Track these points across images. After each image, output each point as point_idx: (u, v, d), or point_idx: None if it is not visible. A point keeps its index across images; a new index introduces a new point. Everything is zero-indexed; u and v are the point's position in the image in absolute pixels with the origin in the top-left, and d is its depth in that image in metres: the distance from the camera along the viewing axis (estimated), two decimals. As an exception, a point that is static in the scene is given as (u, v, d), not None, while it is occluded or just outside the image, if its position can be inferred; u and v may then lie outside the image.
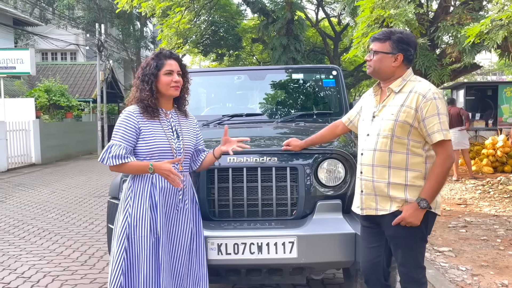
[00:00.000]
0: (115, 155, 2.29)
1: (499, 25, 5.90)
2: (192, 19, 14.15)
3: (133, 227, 2.33)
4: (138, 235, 2.32)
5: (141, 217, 2.33)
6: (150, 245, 2.31)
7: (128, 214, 2.35)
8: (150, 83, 2.37)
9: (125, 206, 2.38)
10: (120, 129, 2.35)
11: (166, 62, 2.40)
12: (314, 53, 22.37)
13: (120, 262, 2.31)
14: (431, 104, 2.21)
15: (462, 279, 3.72)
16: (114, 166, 2.32)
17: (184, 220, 2.45)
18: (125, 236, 2.33)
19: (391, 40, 2.30)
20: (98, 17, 23.41)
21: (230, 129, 3.62)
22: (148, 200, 2.34)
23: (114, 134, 2.36)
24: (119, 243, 2.33)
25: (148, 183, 2.36)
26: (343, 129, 2.80)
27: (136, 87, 2.42)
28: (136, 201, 2.35)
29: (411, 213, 2.22)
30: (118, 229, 2.36)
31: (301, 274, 2.73)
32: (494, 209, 6.36)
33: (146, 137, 2.35)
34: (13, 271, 4.16)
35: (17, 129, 13.10)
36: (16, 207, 7.15)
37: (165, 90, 2.41)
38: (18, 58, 13.28)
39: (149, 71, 2.39)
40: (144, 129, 2.35)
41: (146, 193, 2.35)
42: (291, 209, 2.74)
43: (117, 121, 2.39)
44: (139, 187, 2.37)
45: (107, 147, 2.33)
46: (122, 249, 2.32)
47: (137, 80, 2.44)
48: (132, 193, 2.37)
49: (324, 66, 4.79)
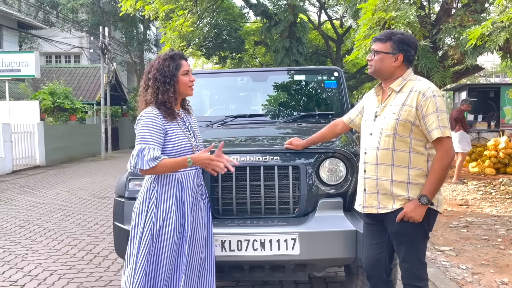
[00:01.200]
0: (152, 157, 2.25)
1: (501, 27, 5.95)
2: (195, 22, 14.23)
3: (158, 228, 2.33)
4: (163, 236, 2.33)
5: (167, 217, 2.34)
6: (173, 244, 2.35)
7: (153, 215, 2.35)
8: (173, 84, 2.39)
9: (149, 207, 2.36)
10: (149, 131, 2.31)
11: (182, 63, 2.44)
12: (316, 55, 22.46)
13: (143, 264, 2.31)
14: (431, 101, 2.26)
15: (463, 277, 3.77)
16: (150, 169, 2.27)
17: (202, 216, 2.50)
18: (149, 238, 2.33)
19: (392, 41, 2.36)
20: (102, 20, 23.55)
21: (234, 130, 3.71)
22: (175, 201, 2.36)
23: (142, 137, 2.30)
24: (143, 244, 2.33)
25: (174, 184, 2.37)
26: (343, 128, 2.86)
27: (154, 89, 2.39)
28: (162, 202, 2.36)
29: (412, 208, 2.27)
30: (141, 230, 2.34)
31: (303, 271, 2.78)
32: (496, 209, 6.39)
33: (171, 138, 2.37)
34: (20, 269, 4.22)
35: (22, 131, 13.20)
36: (22, 208, 7.23)
37: (184, 90, 2.44)
38: (23, 61, 13.42)
39: (169, 72, 2.38)
40: (169, 131, 2.37)
41: (172, 193, 2.37)
42: (293, 207, 2.79)
43: (141, 125, 2.34)
44: (165, 187, 2.37)
45: (138, 151, 2.27)
46: (146, 251, 2.32)
47: (155, 81, 2.39)
48: (158, 194, 2.37)
49: (325, 68, 4.85)
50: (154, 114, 2.35)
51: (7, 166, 12.19)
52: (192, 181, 2.42)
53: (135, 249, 2.35)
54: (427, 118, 2.26)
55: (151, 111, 2.37)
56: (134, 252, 2.35)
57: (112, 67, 20.10)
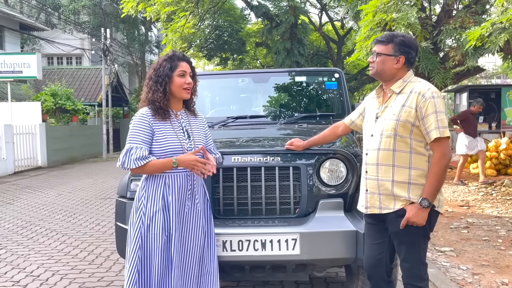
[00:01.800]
0: (138, 157, 2.30)
1: (501, 28, 5.96)
2: (197, 23, 14.28)
3: (146, 226, 2.38)
4: (151, 234, 2.38)
5: (154, 216, 2.38)
6: (163, 244, 2.38)
7: (142, 213, 2.40)
8: (164, 84, 2.41)
9: (139, 206, 2.42)
10: (137, 131, 2.37)
11: (180, 64, 2.45)
12: (317, 56, 22.46)
13: (135, 260, 2.37)
14: (430, 102, 2.29)
15: (463, 277, 3.78)
16: (137, 168, 2.33)
17: (197, 218, 2.51)
18: (139, 236, 2.38)
19: (394, 43, 2.39)
20: (104, 21, 23.62)
21: (235, 130, 3.72)
22: (161, 200, 2.40)
23: (130, 137, 2.36)
24: (134, 242, 2.38)
25: (161, 183, 2.41)
26: (344, 130, 2.88)
27: (148, 88, 2.45)
28: (150, 201, 2.41)
29: (414, 213, 2.29)
30: (133, 229, 2.41)
31: (304, 271, 2.79)
32: (497, 210, 6.40)
33: (159, 138, 2.39)
34: (22, 270, 4.25)
35: (23, 132, 13.24)
36: (24, 208, 7.26)
37: (177, 92, 2.45)
38: (25, 62, 13.47)
39: (162, 72, 2.41)
40: (156, 131, 2.40)
41: (159, 193, 2.40)
42: (294, 208, 2.81)
43: (132, 124, 2.40)
44: (153, 187, 2.41)
45: (126, 151, 2.33)
46: (137, 248, 2.38)
47: (149, 81, 2.45)
48: (146, 193, 2.42)
49: (326, 69, 4.86)
50: (144, 114, 2.40)
51: (9, 167, 12.22)
52: (180, 183, 2.43)
53: (128, 248, 2.42)
54: (426, 118, 2.29)
55: (142, 111, 2.42)
56: (128, 250, 2.42)
57: (114, 69, 20.14)
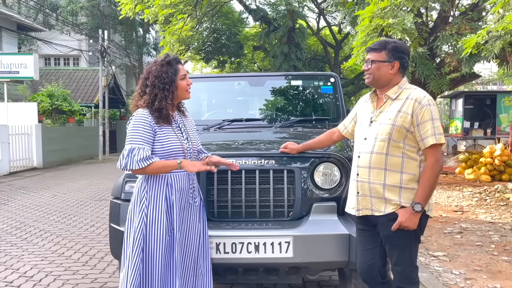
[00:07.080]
0: (142, 157, 2.29)
1: (496, 36, 6.02)
2: (195, 26, 14.32)
3: (149, 227, 2.38)
4: (154, 235, 2.37)
5: (158, 217, 2.38)
6: (166, 244, 2.38)
7: (144, 215, 2.39)
8: (172, 91, 2.42)
9: (140, 207, 2.40)
10: (138, 131, 2.35)
11: (179, 67, 2.48)
12: (315, 61, 22.55)
13: (137, 262, 2.35)
14: (426, 110, 2.32)
15: (455, 282, 3.80)
16: (139, 169, 2.31)
17: (194, 218, 2.53)
18: (141, 237, 2.36)
19: (387, 49, 2.42)
20: (101, 23, 23.62)
21: (231, 133, 3.74)
22: (164, 201, 2.40)
23: (132, 138, 2.34)
24: (136, 244, 2.36)
25: (163, 184, 2.41)
26: (339, 136, 2.90)
27: (152, 96, 2.41)
28: (152, 202, 2.40)
29: (406, 217, 2.31)
30: (134, 230, 2.39)
31: (296, 274, 2.81)
32: (490, 216, 6.43)
33: (161, 139, 2.40)
34: (15, 270, 4.23)
35: (19, 133, 13.21)
36: (18, 209, 7.24)
37: (182, 94, 2.49)
38: (21, 63, 13.44)
39: (168, 78, 2.41)
40: (159, 132, 2.40)
41: (162, 194, 2.40)
42: (288, 211, 2.83)
43: (131, 124, 2.38)
44: (155, 188, 2.41)
45: (128, 151, 2.31)
46: (139, 249, 2.36)
47: (153, 89, 2.41)
48: (148, 194, 2.41)
49: (322, 73, 4.89)
50: (145, 115, 2.40)
51: (4, 167, 12.19)
52: (182, 183, 2.45)
53: (129, 250, 2.39)
54: (422, 125, 2.32)
55: (141, 112, 2.41)
56: (128, 252, 2.39)
57: (111, 70, 20.14)
